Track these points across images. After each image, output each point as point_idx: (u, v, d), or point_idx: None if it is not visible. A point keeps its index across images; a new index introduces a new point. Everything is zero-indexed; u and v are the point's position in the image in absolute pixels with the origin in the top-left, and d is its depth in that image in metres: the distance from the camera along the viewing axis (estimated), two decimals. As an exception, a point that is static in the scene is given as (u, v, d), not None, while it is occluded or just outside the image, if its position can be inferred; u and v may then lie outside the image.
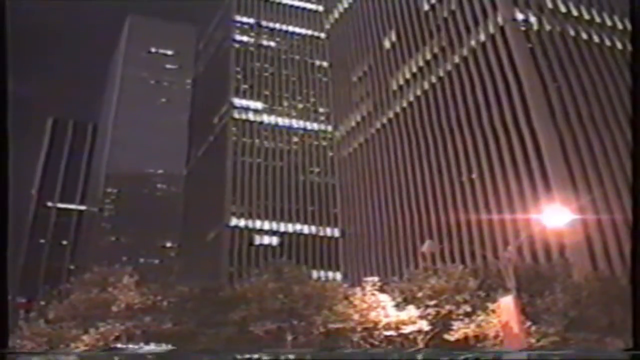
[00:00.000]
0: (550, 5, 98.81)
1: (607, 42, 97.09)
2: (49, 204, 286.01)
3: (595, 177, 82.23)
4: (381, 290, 61.43)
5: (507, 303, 42.90)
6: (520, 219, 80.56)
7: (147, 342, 64.36)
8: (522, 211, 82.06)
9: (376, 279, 63.49)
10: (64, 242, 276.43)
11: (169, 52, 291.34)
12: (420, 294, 58.46)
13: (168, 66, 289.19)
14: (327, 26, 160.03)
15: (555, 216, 41.10)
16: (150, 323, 67.55)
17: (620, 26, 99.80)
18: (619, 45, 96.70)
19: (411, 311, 58.00)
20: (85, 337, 62.49)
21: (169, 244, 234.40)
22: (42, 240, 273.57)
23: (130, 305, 71.18)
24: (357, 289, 62.79)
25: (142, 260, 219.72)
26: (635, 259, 11.62)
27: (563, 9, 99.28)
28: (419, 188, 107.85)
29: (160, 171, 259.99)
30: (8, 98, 12.62)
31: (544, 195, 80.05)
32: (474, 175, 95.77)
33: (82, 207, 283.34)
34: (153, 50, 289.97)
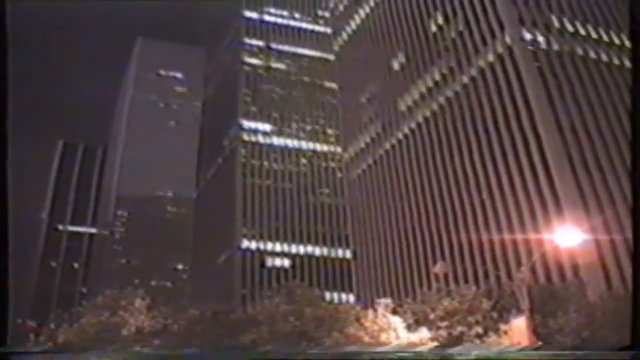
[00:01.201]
0: (557, 24, 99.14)
1: (616, 61, 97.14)
2: (60, 227, 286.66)
3: (606, 196, 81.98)
4: (394, 311, 61.46)
5: (519, 324, 42.90)
6: (533, 239, 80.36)
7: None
8: (534, 231, 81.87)
9: (389, 300, 63.57)
10: (76, 266, 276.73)
11: (179, 75, 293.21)
12: (432, 316, 58.46)
13: (178, 89, 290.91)
14: (336, 48, 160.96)
15: (567, 236, 41.17)
16: (159, 346, 67.75)
17: (627, 44, 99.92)
18: (627, 64, 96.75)
19: (422, 333, 57.96)
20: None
21: (180, 266, 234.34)
22: (53, 264, 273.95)
23: (140, 328, 71.38)
24: (370, 311, 62.78)
25: (153, 282, 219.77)
26: (635, 259, 11.79)
27: (570, 29, 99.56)
28: (430, 209, 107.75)
29: (170, 193, 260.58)
30: (8, 98, 12.84)
31: (555, 215, 79.92)
32: (484, 196, 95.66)
33: (93, 230, 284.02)
34: (163, 72, 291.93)
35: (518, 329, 41.33)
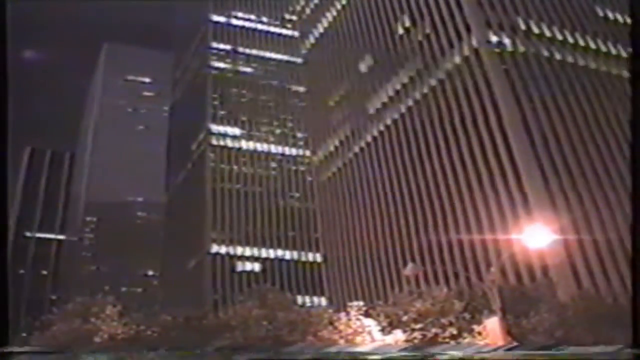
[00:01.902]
0: (523, 27, 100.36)
1: (581, 62, 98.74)
2: (28, 234, 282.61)
3: (574, 196, 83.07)
4: (366, 314, 61.59)
5: (492, 325, 43.23)
6: (502, 240, 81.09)
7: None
8: (503, 232, 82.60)
9: (361, 303, 63.63)
10: (45, 272, 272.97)
11: (146, 80, 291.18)
12: (405, 318, 58.67)
13: (145, 93, 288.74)
14: (304, 51, 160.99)
15: (536, 236, 41.60)
16: (133, 355, 67.28)
17: (593, 46, 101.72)
18: (593, 65, 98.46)
19: (397, 335, 58.16)
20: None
21: (150, 272, 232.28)
22: (21, 271, 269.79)
23: (113, 335, 70.75)
24: (342, 314, 62.86)
25: (124, 289, 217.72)
26: (635, 259, 11.85)
27: (536, 31, 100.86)
28: (400, 211, 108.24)
29: (139, 199, 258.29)
30: (8, 98, 12.67)
31: (524, 216, 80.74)
32: (453, 197, 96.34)
33: (62, 237, 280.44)
34: (130, 77, 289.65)
35: (492, 329, 41.62)
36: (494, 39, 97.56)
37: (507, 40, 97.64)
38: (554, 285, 65.19)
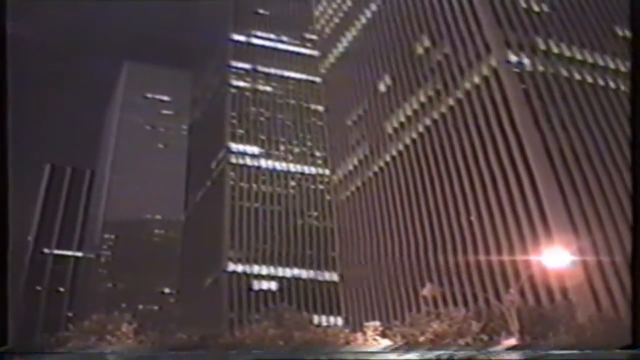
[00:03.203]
0: (542, 47, 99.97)
1: (600, 82, 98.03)
2: (46, 250, 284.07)
3: (594, 217, 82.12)
4: (383, 335, 61.06)
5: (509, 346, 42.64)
6: (521, 261, 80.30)
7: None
8: (522, 253, 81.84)
9: (378, 323, 63.16)
10: (62, 289, 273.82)
11: (166, 98, 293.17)
12: (422, 339, 58.11)
13: (164, 112, 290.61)
14: (323, 71, 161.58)
15: (556, 258, 41.18)
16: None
17: (612, 66, 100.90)
18: (612, 85, 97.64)
19: (412, 356, 57.54)
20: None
21: (167, 290, 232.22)
22: (38, 288, 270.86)
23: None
24: (359, 334, 62.39)
25: (140, 306, 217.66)
26: (635, 259, 11.74)
27: (556, 50, 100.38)
28: (418, 230, 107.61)
29: (158, 216, 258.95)
30: (8, 99, 12.65)
31: (544, 237, 79.93)
32: (472, 217, 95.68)
33: (79, 254, 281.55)
34: (149, 96, 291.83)
35: (509, 351, 41.09)
36: (513, 58, 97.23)
37: (526, 60, 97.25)
38: (573, 306, 64.27)
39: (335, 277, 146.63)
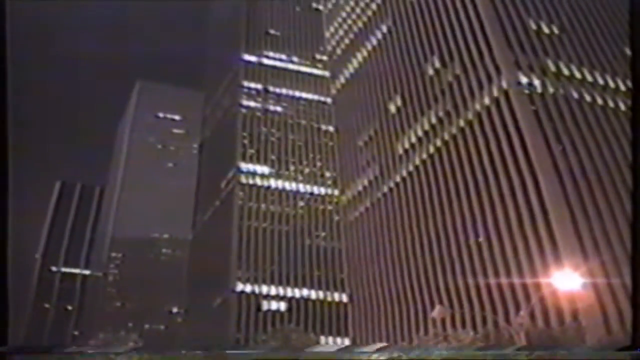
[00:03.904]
0: (553, 68, 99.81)
1: (611, 104, 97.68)
2: (54, 268, 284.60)
3: (603, 239, 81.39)
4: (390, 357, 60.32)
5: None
6: (530, 283, 79.58)
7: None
8: (531, 275, 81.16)
9: (385, 344, 62.49)
10: (69, 308, 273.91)
11: (177, 117, 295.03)
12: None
13: (175, 131, 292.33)
14: (334, 91, 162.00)
15: (565, 280, 40.64)
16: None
17: (622, 87, 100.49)
18: (622, 107, 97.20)
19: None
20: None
21: (175, 310, 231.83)
22: (46, 305, 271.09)
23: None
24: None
25: (147, 326, 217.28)
26: (635, 258, 11.61)
27: (566, 72, 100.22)
28: (427, 252, 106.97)
29: (165, 235, 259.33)
30: (8, 100, 12.62)
31: (553, 259, 79.25)
32: (481, 239, 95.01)
33: (87, 272, 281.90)
34: (161, 115, 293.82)
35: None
36: (523, 80, 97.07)
37: (536, 82, 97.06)
38: (583, 329, 63.47)
39: (343, 297, 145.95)
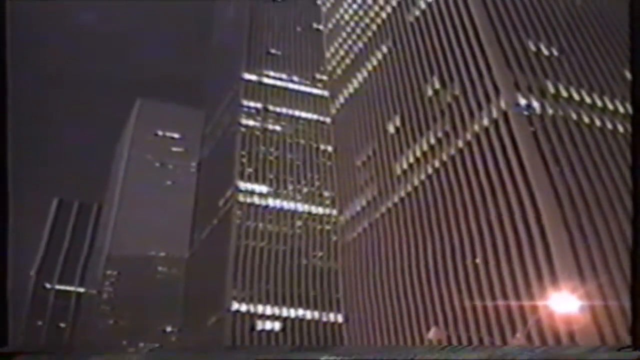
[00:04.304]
0: (552, 90, 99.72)
1: (609, 126, 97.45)
2: (48, 285, 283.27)
3: (601, 262, 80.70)
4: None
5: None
6: (527, 305, 78.81)
7: None
8: (528, 297, 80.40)
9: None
10: (62, 325, 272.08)
11: (176, 135, 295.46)
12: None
13: (174, 149, 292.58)
14: (333, 111, 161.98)
15: (562, 302, 40.04)
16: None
17: (621, 110, 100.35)
18: (621, 129, 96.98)
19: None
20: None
21: (169, 328, 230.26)
22: (39, 323, 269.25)
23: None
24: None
25: (142, 344, 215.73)
26: (634, 258, 11.17)
27: (565, 94, 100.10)
28: (423, 273, 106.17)
29: (162, 254, 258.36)
30: (8, 101, 12.39)
31: (550, 281, 78.54)
32: (478, 260, 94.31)
33: (81, 289, 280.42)
34: (160, 133, 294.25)
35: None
36: (522, 101, 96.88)
37: (535, 103, 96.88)
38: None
39: (339, 318, 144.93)
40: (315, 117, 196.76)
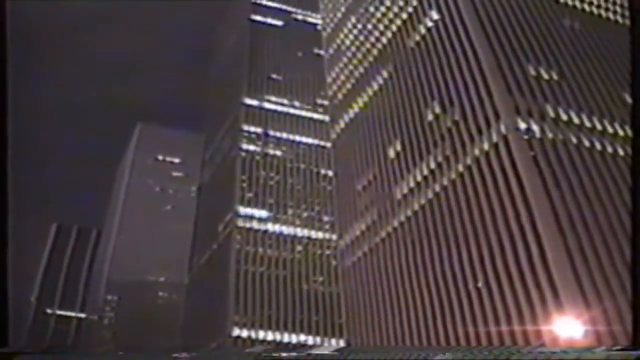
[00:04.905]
0: (552, 114, 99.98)
1: (609, 149, 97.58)
2: (49, 310, 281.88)
3: (604, 286, 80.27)
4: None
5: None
6: (531, 330, 78.26)
7: None
8: (532, 322, 79.86)
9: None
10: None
11: (176, 160, 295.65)
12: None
13: (175, 174, 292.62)
14: (333, 135, 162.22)
15: (566, 327, 39.79)
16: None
17: (621, 133, 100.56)
18: (621, 152, 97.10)
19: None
20: None
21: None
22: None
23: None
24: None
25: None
26: (634, 258, 11.20)
27: (565, 118, 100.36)
28: (426, 298, 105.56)
29: (162, 279, 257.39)
30: (8, 103, 12.37)
31: (553, 306, 78.07)
32: (480, 285, 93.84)
33: (82, 315, 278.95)
34: (160, 157, 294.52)
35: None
36: (522, 125, 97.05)
37: (535, 127, 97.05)
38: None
39: (341, 343, 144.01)
40: (315, 141, 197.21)
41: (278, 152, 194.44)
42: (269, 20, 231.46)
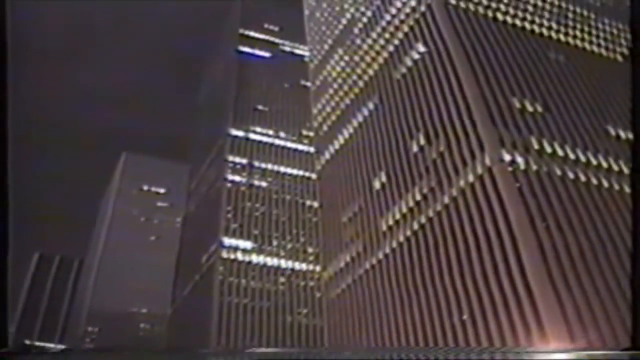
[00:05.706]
0: (536, 146, 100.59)
1: (594, 181, 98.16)
2: (27, 342, 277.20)
3: (590, 318, 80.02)
4: None
5: None
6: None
7: None
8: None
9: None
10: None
11: (161, 190, 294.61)
12: None
13: (159, 204, 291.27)
14: (319, 167, 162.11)
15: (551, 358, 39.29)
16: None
17: (605, 165, 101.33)
18: (606, 184, 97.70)
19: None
20: None
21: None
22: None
23: None
24: None
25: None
26: (634, 258, 10.92)
27: (549, 150, 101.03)
28: (410, 330, 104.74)
29: (144, 310, 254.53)
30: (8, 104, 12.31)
31: (538, 337, 77.61)
32: (465, 317, 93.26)
33: (61, 346, 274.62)
34: (145, 187, 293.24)
35: None
36: (507, 157, 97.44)
37: (519, 159, 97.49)
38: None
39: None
40: (301, 173, 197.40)
41: (263, 183, 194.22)
42: (257, 52, 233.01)
